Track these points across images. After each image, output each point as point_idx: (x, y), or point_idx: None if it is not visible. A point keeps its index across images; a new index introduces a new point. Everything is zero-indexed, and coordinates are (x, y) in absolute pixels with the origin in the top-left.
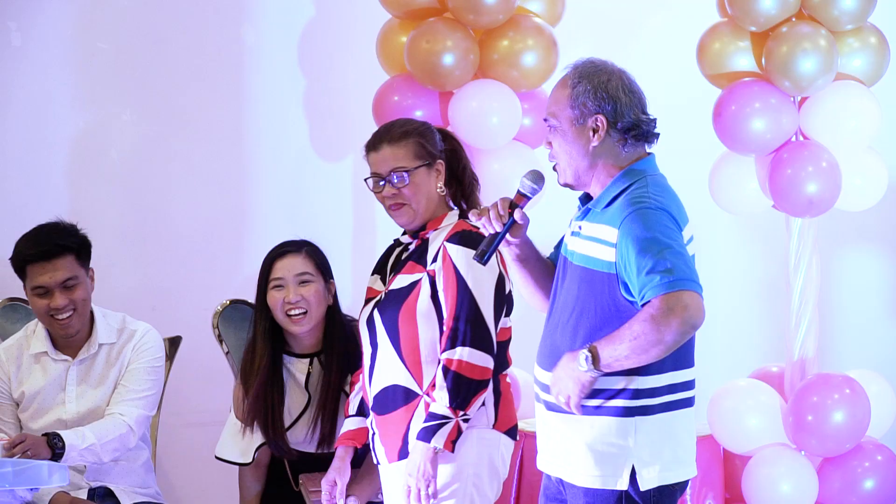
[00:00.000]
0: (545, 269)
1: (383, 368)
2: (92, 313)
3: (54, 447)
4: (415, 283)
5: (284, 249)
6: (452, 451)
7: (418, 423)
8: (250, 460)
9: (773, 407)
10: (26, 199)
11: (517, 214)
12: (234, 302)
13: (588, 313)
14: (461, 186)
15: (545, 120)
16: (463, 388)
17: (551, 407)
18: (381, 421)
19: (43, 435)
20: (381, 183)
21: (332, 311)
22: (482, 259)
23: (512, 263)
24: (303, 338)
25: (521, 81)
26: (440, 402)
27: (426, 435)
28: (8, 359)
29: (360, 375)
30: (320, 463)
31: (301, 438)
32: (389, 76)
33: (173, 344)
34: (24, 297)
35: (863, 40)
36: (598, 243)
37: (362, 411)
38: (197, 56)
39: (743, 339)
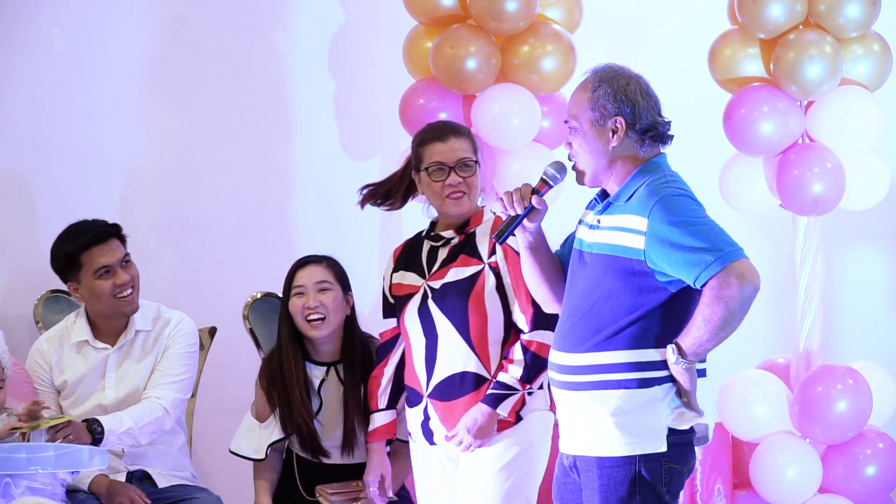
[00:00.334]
0: (553, 261)
1: (448, 357)
2: None
3: (94, 432)
4: (476, 275)
5: (306, 260)
6: (514, 421)
7: None
8: (263, 456)
9: (779, 396)
10: (77, 197)
11: (535, 200)
12: (264, 295)
13: (615, 297)
14: None
15: (566, 122)
16: (536, 367)
17: (567, 387)
18: (443, 406)
19: (83, 421)
20: (449, 170)
21: (351, 323)
22: (499, 238)
23: (524, 251)
24: (322, 345)
25: (541, 85)
26: (512, 374)
27: (493, 401)
28: (50, 349)
29: (384, 370)
30: (332, 473)
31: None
32: (415, 80)
33: (210, 334)
34: (65, 289)
35: (867, 47)
36: (624, 232)
37: (391, 405)
38: (232, 60)
39: (751, 331)
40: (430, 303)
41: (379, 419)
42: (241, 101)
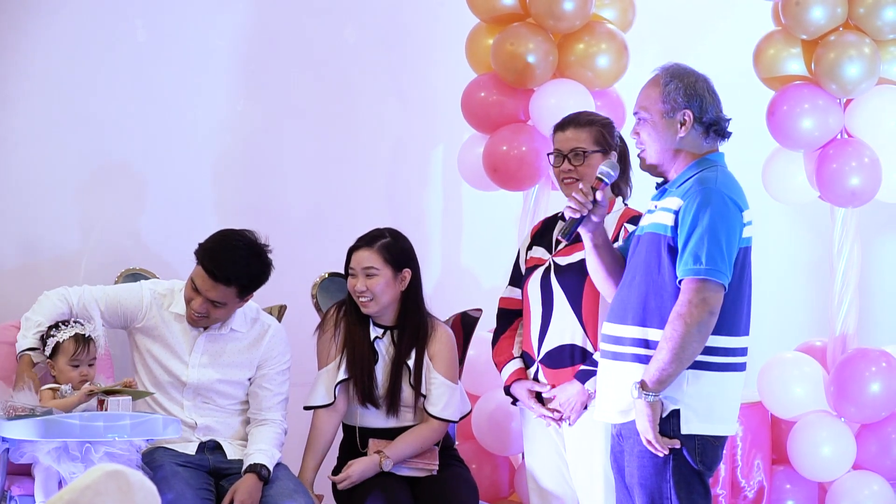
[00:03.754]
0: (616, 258)
1: (560, 329)
2: None
3: (266, 479)
4: None
5: (359, 243)
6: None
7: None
8: (332, 399)
9: (816, 377)
10: (167, 183)
11: (599, 195)
12: (331, 275)
13: (653, 272)
14: (623, 178)
15: (636, 113)
16: None
17: (613, 356)
18: (552, 373)
19: (252, 472)
20: (563, 157)
21: (408, 295)
22: (566, 235)
23: (589, 250)
24: (378, 317)
25: (595, 81)
26: None
27: (583, 377)
28: (153, 303)
29: (516, 332)
30: (388, 434)
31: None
32: (476, 74)
33: (279, 312)
34: (141, 268)
35: None
36: (666, 212)
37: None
38: (305, 54)
39: (790, 315)
40: (553, 277)
41: (512, 366)
42: (313, 92)
